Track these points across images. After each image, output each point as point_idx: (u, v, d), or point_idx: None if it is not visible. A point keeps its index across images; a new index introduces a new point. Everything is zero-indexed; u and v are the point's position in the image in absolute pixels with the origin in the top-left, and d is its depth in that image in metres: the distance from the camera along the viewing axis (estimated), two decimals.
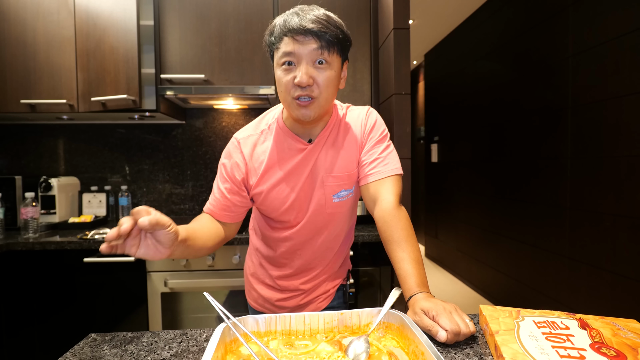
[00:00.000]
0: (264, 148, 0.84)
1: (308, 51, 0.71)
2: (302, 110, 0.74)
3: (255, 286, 0.98)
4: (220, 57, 1.71)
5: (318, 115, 0.77)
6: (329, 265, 0.95)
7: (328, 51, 0.72)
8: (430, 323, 0.59)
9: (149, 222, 0.53)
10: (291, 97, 0.74)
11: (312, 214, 0.86)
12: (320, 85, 0.73)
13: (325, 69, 0.73)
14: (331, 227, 0.89)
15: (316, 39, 0.70)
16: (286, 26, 0.71)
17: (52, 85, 1.70)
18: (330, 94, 0.76)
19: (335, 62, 0.74)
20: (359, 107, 0.91)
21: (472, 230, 3.38)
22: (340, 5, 1.75)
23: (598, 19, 1.89)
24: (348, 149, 0.85)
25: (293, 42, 0.71)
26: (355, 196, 0.90)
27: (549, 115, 2.26)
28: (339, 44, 0.74)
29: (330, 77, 0.74)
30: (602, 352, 0.49)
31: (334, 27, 0.71)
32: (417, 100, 5.05)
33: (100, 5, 1.65)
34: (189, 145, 2.09)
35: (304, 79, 0.70)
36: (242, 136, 0.85)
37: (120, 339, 0.64)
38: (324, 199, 0.85)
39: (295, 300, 0.95)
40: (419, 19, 3.46)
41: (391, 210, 0.77)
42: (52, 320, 1.50)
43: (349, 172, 0.85)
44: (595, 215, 1.91)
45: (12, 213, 1.72)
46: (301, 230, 0.88)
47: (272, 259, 0.94)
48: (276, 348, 0.56)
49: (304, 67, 0.71)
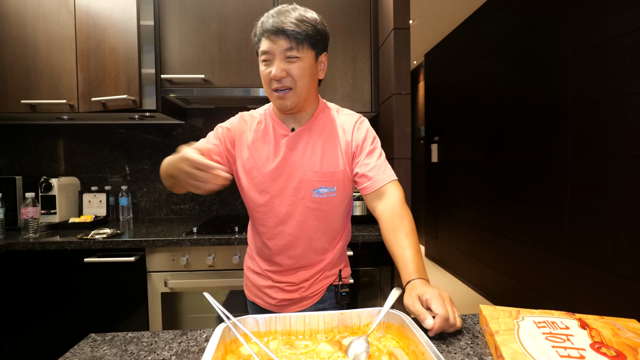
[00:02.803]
0: (254, 129, 0.93)
1: (280, 49, 0.80)
2: (280, 101, 0.85)
3: (247, 274, 1.05)
4: (221, 57, 1.71)
5: (296, 105, 0.86)
6: (314, 264, 0.96)
7: (297, 48, 0.80)
8: (421, 310, 0.61)
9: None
10: (270, 90, 0.85)
11: (290, 201, 0.90)
12: (294, 76, 0.82)
13: (296, 61, 0.81)
14: (313, 223, 0.91)
15: (286, 38, 0.79)
16: (262, 27, 0.81)
17: (53, 86, 1.70)
18: (305, 83, 0.84)
19: (307, 55, 0.82)
20: (350, 112, 0.97)
21: (472, 230, 3.38)
22: (340, 5, 1.75)
23: (598, 19, 1.89)
24: (333, 148, 0.90)
25: (268, 42, 0.80)
26: (340, 198, 0.92)
27: (549, 115, 2.26)
28: (309, 39, 0.81)
29: (302, 68, 0.82)
30: (602, 352, 0.49)
31: (305, 25, 0.80)
32: (417, 100, 5.05)
33: (101, 5, 1.65)
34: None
35: (277, 73, 0.80)
36: (245, 113, 0.97)
37: (120, 339, 0.64)
38: (303, 191, 0.89)
39: (282, 294, 0.97)
40: (419, 19, 3.46)
41: (399, 205, 0.83)
42: (52, 320, 1.50)
43: (331, 170, 0.89)
44: (595, 215, 1.91)
45: (12, 213, 1.72)
46: (278, 216, 0.91)
47: (259, 250, 0.98)
48: (276, 348, 0.56)
49: (277, 62, 0.81)
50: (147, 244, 1.46)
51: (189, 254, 1.50)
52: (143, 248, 1.49)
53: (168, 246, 1.47)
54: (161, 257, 1.49)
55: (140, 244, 1.46)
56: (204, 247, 1.50)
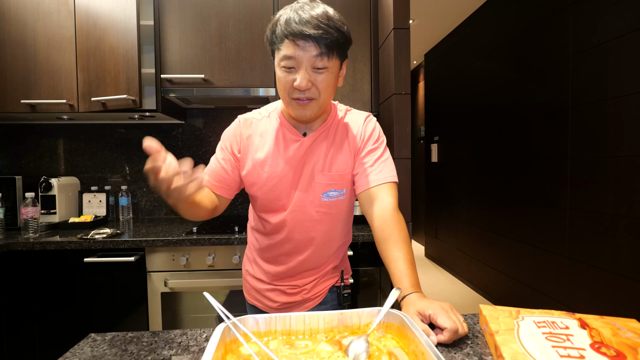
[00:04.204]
0: (261, 132, 0.88)
1: (308, 57, 0.72)
2: (300, 111, 0.78)
3: (247, 278, 1.02)
4: (220, 57, 1.71)
5: (315, 115, 0.80)
6: (318, 267, 0.95)
7: (327, 57, 0.73)
8: (423, 326, 0.60)
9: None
10: (290, 98, 0.77)
11: (299, 207, 0.87)
12: (319, 88, 0.75)
13: (324, 72, 0.74)
14: (322, 228, 0.90)
15: (316, 45, 0.71)
16: (287, 28, 0.71)
17: (52, 85, 1.70)
18: (329, 94, 0.79)
19: (335, 65, 0.76)
20: (359, 111, 0.93)
21: (472, 230, 3.38)
22: (340, 5, 1.75)
23: (598, 19, 1.89)
24: (343, 151, 0.87)
25: (294, 46, 0.72)
26: (348, 200, 0.91)
27: (549, 115, 2.26)
28: (339, 47, 0.74)
29: (328, 79, 0.76)
30: (602, 352, 0.49)
31: (334, 31, 0.72)
32: (417, 100, 5.05)
33: (100, 5, 1.65)
34: (189, 145, 2.09)
35: (302, 84, 0.73)
36: (245, 117, 0.90)
37: (120, 339, 0.64)
38: (312, 195, 0.86)
39: (284, 297, 0.95)
40: (419, 19, 3.46)
41: (390, 211, 0.79)
42: (52, 320, 1.50)
43: (340, 172, 0.86)
44: (595, 215, 1.91)
45: (12, 213, 1.72)
46: (289, 222, 0.88)
47: (263, 254, 0.96)
48: (276, 348, 0.56)
49: (303, 72, 0.73)
50: (147, 244, 1.46)
51: (189, 253, 1.50)
52: (143, 248, 1.49)
53: (168, 246, 1.47)
54: (161, 257, 1.49)
55: (140, 243, 1.46)
56: (204, 247, 1.50)
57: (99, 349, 0.60)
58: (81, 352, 0.59)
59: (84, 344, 0.63)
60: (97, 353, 0.59)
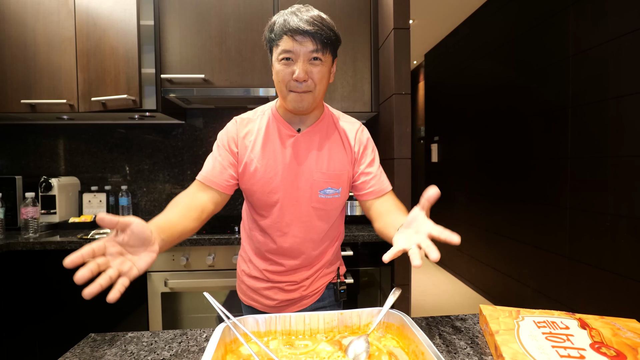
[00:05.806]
0: (256, 130, 0.92)
1: (305, 51, 0.79)
2: (297, 102, 0.84)
3: (243, 278, 1.02)
4: (221, 57, 1.71)
5: (311, 107, 0.86)
6: (314, 263, 0.97)
7: (322, 51, 0.80)
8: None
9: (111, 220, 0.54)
10: (287, 90, 0.83)
11: (297, 201, 0.90)
12: (315, 79, 0.82)
13: (319, 65, 0.81)
14: (317, 223, 0.93)
15: (312, 40, 0.78)
16: (286, 26, 0.78)
17: (52, 85, 1.70)
18: (323, 87, 0.85)
19: (328, 60, 0.84)
20: (352, 118, 0.99)
21: (472, 230, 3.38)
22: (340, 5, 1.75)
23: (598, 19, 1.89)
24: (339, 152, 0.92)
25: (292, 41, 0.78)
26: (342, 199, 0.95)
27: (549, 115, 2.26)
28: (332, 44, 0.82)
29: (323, 73, 0.83)
30: (602, 352, 0.49)
31: (327, 29, 0.80)
32: (417, 100, 5.05)
33: (100, 5, 1.65)
34: (189, 145, 2.09)
35: (301, 75, 0.79)
36: (241, 117, 0.94)
37: (120, 339, 0.64)
38: (310, 191, 0.90)
39: (282, 295, 0.96)
40: (419, 19, 3.46)
41: (395, 205, 0.88)
42: (52, 320, 1.50)
43: (337, 172, 0.91)
44: (595, 215, 1.91)
45: (12, 213, 1.72)
46: (285, 216, 0.91)
47: (259, 251, 0.97)
48: (276, 348, 0.56)
49: (301, 64, 0.80)
50: None
51: (189, 253, 1.50)
52: None
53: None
54: (161, 256, 1.49)
55: None
56: (204, 247, 1.50)
57: (99, 349, 0.60)
58: (81, 352, 0.59)
59: (84, 344, 0.63)
60: (97, 353, 0.59)
